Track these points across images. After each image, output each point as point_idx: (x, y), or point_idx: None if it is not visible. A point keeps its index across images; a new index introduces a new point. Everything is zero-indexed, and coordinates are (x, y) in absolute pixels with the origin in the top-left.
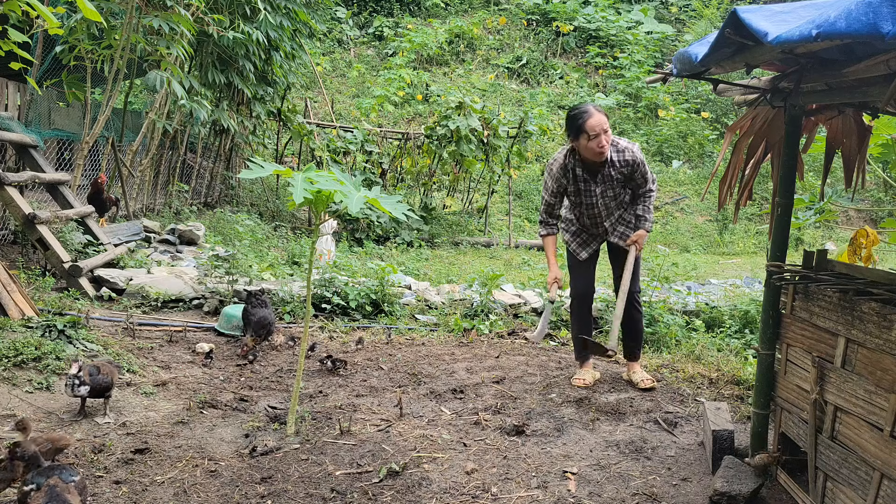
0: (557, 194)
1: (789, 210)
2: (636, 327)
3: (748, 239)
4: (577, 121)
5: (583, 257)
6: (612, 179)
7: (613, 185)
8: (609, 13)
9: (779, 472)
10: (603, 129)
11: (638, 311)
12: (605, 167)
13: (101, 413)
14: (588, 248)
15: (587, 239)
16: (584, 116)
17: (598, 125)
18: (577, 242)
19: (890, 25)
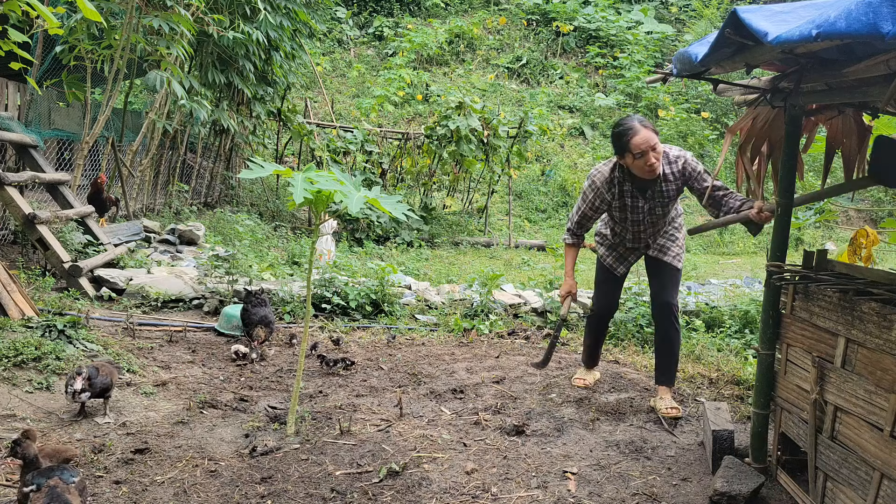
0: (597, 209)
1: (789, 210)
2: (671, 349)
3: (748, 239)
4: (622, 138)
5: (620, 273)
6: (664, 195)
7: (664, 201)
8: (609, 13)
9: (779, 472)
10: (650, 146)
11: (675, 328)
12: (658, 183)
13: (101, 413)
14: (626, 262)
15: (624, 253)
16: (629, 134)
17: (644, 143)
18: (613, 257)
19: (890, 25)
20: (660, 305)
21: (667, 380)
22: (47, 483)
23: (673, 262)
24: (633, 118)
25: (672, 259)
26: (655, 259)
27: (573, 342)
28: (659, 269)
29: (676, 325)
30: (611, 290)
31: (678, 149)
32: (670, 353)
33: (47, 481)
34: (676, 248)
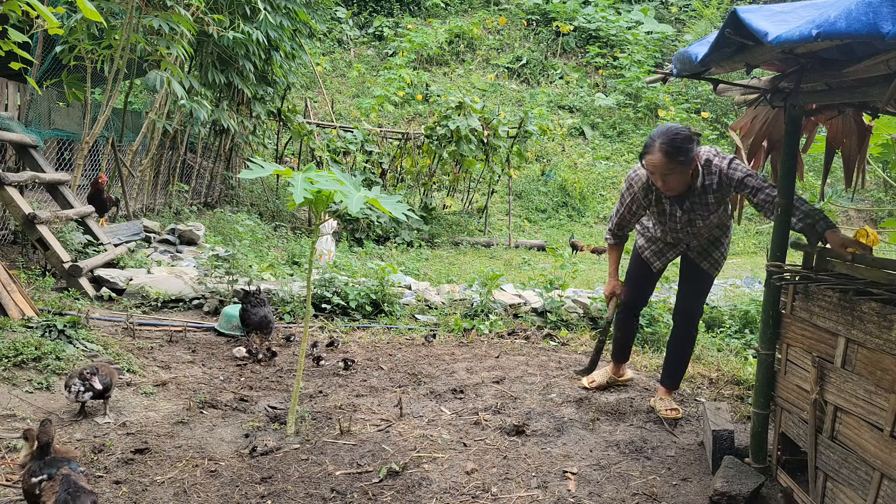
0: (635, 213)
1: (789, 210)
2: (683, 354)
3: (748, 239)
4: (643, 150)
5: (656, 268)
6: (704, 206)
7: (704, 213)
8: (609, 13)
9: (779, 472)
10: (662, 171)
11: (692, 335)
12: (696, 194)
13: (101, 413)
14: (664, 258)
15: (664, 248)
16: (646, 150)
17: (651, 166)
18: (651, 250)
19: (890, 25)
20: (683, 310)
21: (671, 383)
22: (59, 472)
23: (710, 269)
24: (658, 134)
25: (710, 266)
26: (693, 261)
27: (573, 342)
28: (693, 272)
29: (695, 332)
30: (643, 284)
31: (716, 153)
32: (681, 359)
33: (59, 470)
34: (717, 255)
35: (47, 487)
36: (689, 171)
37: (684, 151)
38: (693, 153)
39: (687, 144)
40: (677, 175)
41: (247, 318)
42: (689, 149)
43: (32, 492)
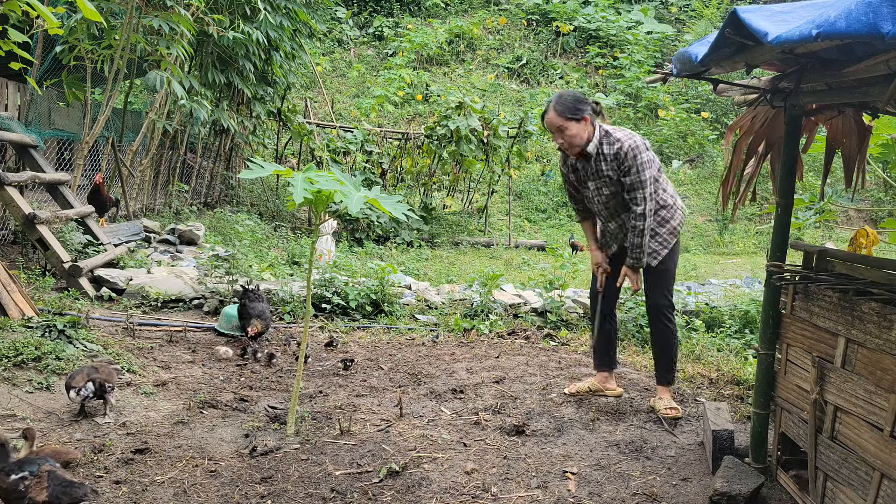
0: (575, 188)
1: (789, 210)
2: (665, 349)
3: (748, 239)
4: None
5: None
6: (604, 176)
7: (607, 182)
8: (609, 13)
9: (779, 472)
10: (556, 126)
11: (668, 328)
12: (592, 161)
13: (101, 413)
14: (607, 247)
15: (607, 237)
16: (544, 113)
17: (548, 124)
18: (601, 241)
19: (890, 25)
20: (648, 306)
21: (664, 380)
22: (41, 469)
23: (650, 260)
24: (553, 97)
25: (650, 258)
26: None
27: (573, 342)
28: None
29: (668, 324)
30: (605, 280)
31: (626, 134)
32: (666, 354)
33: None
34: (655, 245)
35: (34, 484)
36: (580, 129)
37: (570, 108)
38: (581, 112)
39: (574, 102)
40: (569, 132)
41: (244, 313)
42: (575, 106)
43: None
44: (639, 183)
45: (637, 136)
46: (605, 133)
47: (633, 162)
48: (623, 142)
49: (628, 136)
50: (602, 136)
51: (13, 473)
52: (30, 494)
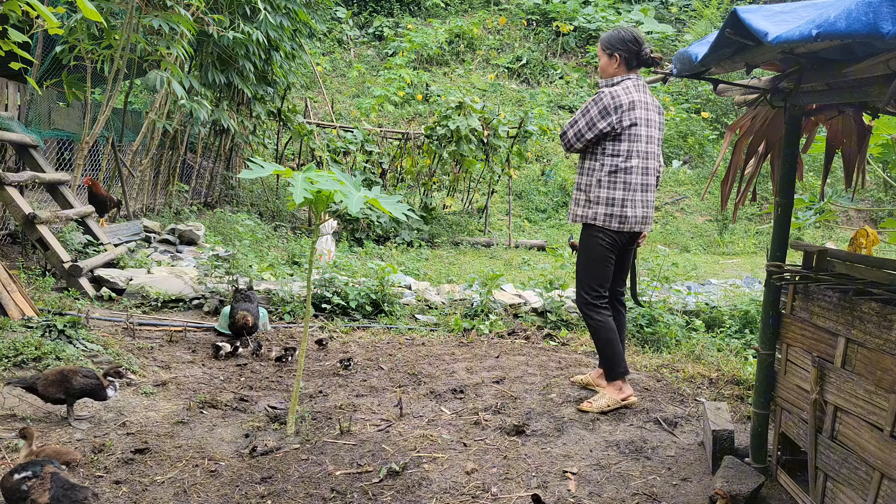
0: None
1: (789, 210)
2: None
3: (748, 239)
4: None
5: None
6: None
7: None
8: (609, 13)
9: (779, 472)
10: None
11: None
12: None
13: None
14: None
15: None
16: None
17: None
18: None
19: (890, 25)
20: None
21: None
22: (43, 470)
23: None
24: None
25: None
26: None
27: (573, 342)
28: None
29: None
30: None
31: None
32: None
33: (42, 468)
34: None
35: (36, 485)
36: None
37: (607, 41)
38: (613, 49)
39: (613, 39)
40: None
41: (232, 314)
42: (611, 42)
43: (17, 489)
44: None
45: (617, 92)
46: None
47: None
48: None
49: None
50: (617, 83)
51: (16, 473)
52: (32, 496)
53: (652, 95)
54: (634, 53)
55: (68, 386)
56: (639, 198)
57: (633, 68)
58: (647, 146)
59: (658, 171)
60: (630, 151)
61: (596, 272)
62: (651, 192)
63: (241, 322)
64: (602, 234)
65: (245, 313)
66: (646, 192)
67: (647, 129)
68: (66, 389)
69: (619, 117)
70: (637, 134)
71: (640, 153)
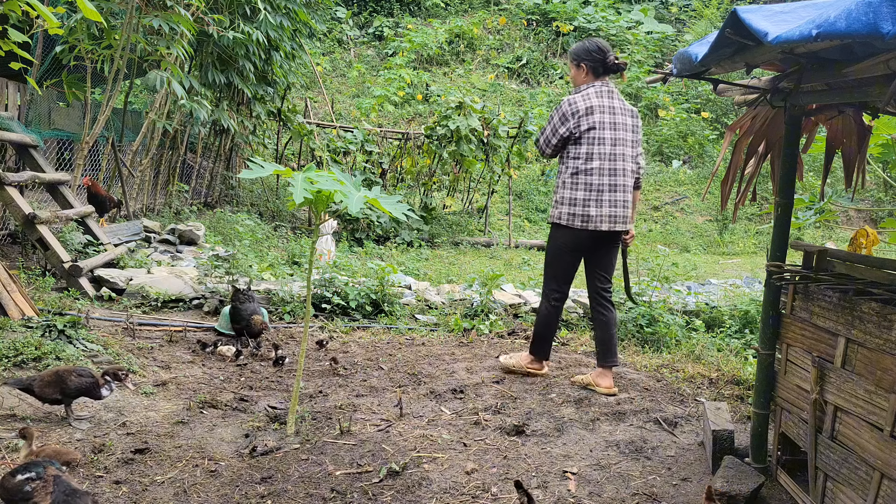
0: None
1: (789, 210)
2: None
3: (748, 239)
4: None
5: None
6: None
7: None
8: (609, 13)
9: (779, 472)
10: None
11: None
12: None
13: (105, 410)
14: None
15: None
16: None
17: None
18: None
19: (890, 25)
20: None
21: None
22: (45, 472)
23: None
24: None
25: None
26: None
27: (573, 342)
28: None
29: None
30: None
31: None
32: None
33: (45, 470)
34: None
35: (39, 487)
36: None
37: (573, 53)
38: (578, 60)
39: (578, 50)
40: (570, 73)
41: (237, 316)
42: (577, 53)
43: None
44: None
45: (574, 99)
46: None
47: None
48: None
49: (570, 97)
50: (581, 90)
51: (19, 474)
52: (34, 498)
53: (621, 100)
54: (600, 62)
55: (64, 386)
56: (605, 198)
57: (601, 75)
58: (614, 148)
59: (637, 172)
60: (590, 154)
61: (557, 269)
62: (622, 192)
63: (259, 327)
64: (565, 232)
65: (260, 317)
66: (614, 192)
67: (612, 132)
68: (62, 390)
69: (576, 122)
70: (599, 137)
71: (602, 155)
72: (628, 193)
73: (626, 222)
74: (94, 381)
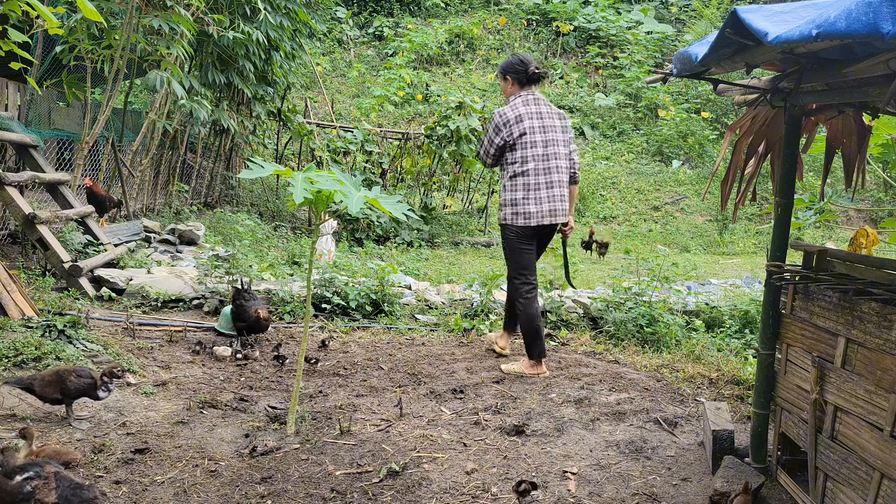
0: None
1: (789, 210)
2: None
3: (748, 239)
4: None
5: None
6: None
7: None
8: (609, 13)
9: (779, 472)
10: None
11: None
12: None
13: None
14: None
15: None
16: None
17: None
18: None
19: (890, 25)
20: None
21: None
22: (45, 470)
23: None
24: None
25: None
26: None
27: (573, 342)
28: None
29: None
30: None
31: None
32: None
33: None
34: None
35: (41, 485)
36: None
37: (501, 67)
38: (505, 73)
39: (505, 64)
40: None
41: (243, 313)
42: (503, 67)
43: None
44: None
45: (504, 111)
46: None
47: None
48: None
49: (500, 109)
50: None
51: (17, 475)
52: (37, 496)
53: (548, 105)
54: (523, 73)
55: (63, 386)
56: (543, 195)
57: (526, 85)
58: (546, 149)
59: (572, 168)
60: (525, 157)
61: (516, 261)
62: (558, 188)
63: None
64: (512, 230)
65: (264, 310)
66: (550, 189)
67: (542, 135)
68: (62, 390)
69: (508, 131)
70: (531, 141)
71: (536, 157)
72: (564, 189)
73: (565, 215)
74: (91, 383)
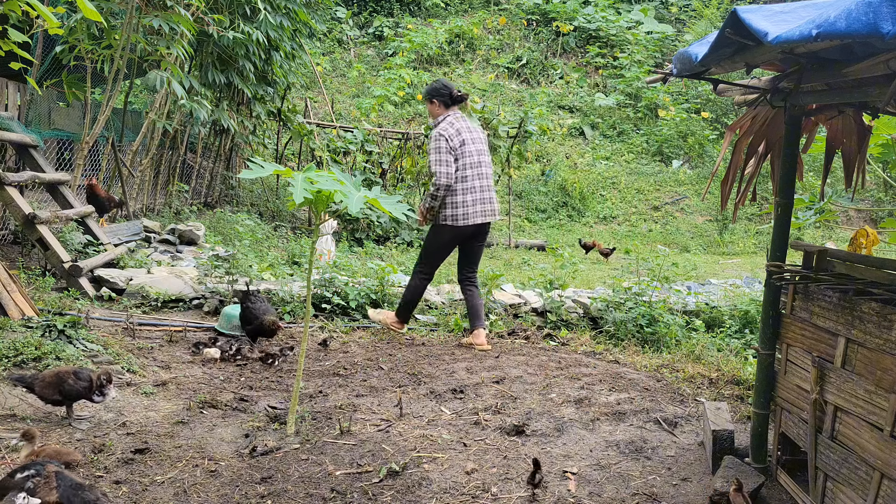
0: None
1: (789, 210)
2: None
3: (748, 239)
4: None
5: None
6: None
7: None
8: (609, 13)
9: (779, 472)
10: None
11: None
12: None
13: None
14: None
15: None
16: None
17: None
18: None
19: (890, 25)
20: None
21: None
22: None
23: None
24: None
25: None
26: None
27: (573, 342)
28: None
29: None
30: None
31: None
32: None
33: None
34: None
35: (41, 484)
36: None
37: (427, 91)
38: (431, 97)
39: (430, 89)
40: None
41: (251, 316)
42: (429, 91)
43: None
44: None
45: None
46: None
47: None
48: (434, 129)
49: (439, 128)
50: (441, 121)
51: (18, 473)
52: (38, 495)
53: (468, 121)
54: (447, 96)
55: (62, 388)
56: (478, 197)
57: (450, 106)
58: (479, 157)
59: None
60: (465, 164)
61: (433, 258)
62: (488, 191)
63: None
64: (449, 230)
65: (273, 317)
66: (483, 192)
67: (473, 145)
68: (61, 391)
69: (454, 144)
70: (469, 151)
71: (472, 164)
72: (493, 191)
73: (496, 214)
74: (88, 386)
